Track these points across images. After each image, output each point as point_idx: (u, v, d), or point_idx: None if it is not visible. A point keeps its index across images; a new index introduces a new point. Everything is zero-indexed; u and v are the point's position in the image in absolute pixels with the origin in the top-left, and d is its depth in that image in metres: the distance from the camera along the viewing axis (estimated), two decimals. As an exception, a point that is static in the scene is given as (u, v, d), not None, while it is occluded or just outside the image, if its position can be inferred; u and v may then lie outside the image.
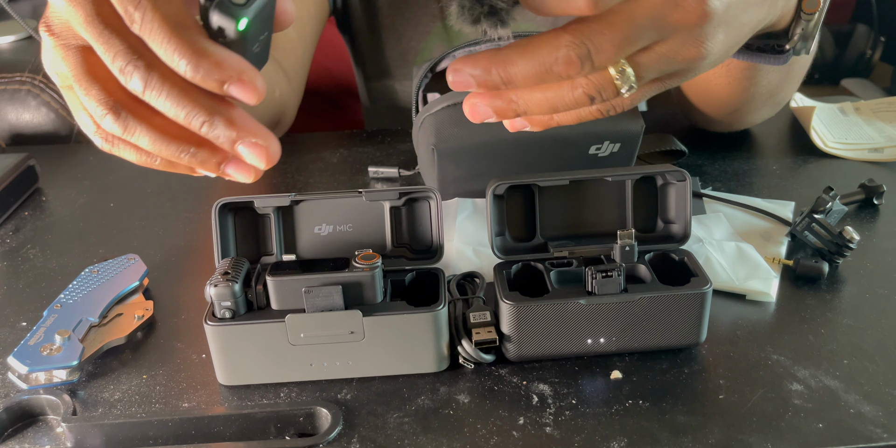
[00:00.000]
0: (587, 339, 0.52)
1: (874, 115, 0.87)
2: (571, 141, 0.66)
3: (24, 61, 1.00)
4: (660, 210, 0.58)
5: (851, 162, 0.79)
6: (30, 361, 0.51)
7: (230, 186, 0.82)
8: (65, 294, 0.58)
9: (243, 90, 0.37)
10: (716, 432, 0.47)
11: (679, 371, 0.52)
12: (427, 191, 0.55)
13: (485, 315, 0.53)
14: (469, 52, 0.73)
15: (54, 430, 0.50)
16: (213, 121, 0.38)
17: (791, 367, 0.52)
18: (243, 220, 0.55)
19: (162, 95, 0.37)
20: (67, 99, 0.43)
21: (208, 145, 0.40)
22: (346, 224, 0.56)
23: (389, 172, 0.78)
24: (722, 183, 0.75)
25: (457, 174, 0.68)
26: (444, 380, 0.52)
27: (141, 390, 0.52)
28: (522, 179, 0.55)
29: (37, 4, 1.19)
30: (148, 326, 0.58)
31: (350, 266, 0.50)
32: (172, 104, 0.37)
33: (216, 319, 0.50)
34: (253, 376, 0.52)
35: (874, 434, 0.46)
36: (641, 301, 0.51)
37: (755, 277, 0.59)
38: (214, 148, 0.40)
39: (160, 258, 0.67)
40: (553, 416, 0.49)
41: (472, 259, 0.63)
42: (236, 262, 0.52)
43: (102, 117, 0.39)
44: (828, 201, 0.64)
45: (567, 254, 0.55)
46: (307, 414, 0.49)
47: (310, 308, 0.49)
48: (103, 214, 0.76)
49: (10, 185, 0.76)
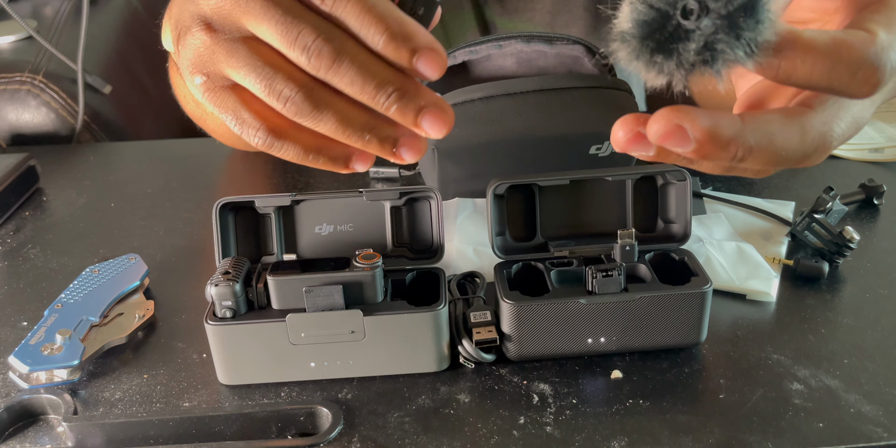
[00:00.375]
0: (587, 339, 0.52)
1: (874, 116, 0.87)
2: (572, 141, 0.66)
3: (24, 61, 1.00)
4: (660, 210, 0.58)
5: (852, 162, 0.79)
6: (31, 361, 0.51)
7: (231, 186, 0.82)
8: (65, 294, 0.58)
9: (430, 62, 0.37)
10: (716, 432, 0.47)
11: (679, 371, 0.52)
12: (427, 190, 0.55)
13: (485, 315, 0.53)
14: (469, 52, 0.73)
15: (55, 430, 0.50)
16: (403, 89, 0.37)
17: (791, 367, 0.52)
18: (244, 219, 0.55)
19: (353, 67, 0.36)
20: (219, 102, 0.40)
21: (388, 122, 0.39)
22: (346, 224, 0.56)
23: (390, 172, 0.78)
24: (722, 183, 0.75)
25: (457, 174, 0.68)
26: (444, 379, 0.52)
27: (142, 390, 0.52)
28: (523, 179, 0.55)
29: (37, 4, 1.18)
30: (149, 326, 0.58)
31: (351, 266, 0.50)
32: (362, 76, 0.36)
33: (217, 319, 0.50)
34: (254, 376, 0.52)
35: (874, 433, 0.46)
36: (642, 300, 0.51)
37: (755, 277, 0.60)
38: (393, 124, 0.39)
39: (161, 258, 0.67)
40: (553, 415, 0.49)
41: (472, 259, 0.63)
42: (237, 261, 0.52)
43: (290, 99, 0.37)
44: (828, 201, 0.64)
45: (567, 253, 0.55)
46: (308, 413, 0.49)
47: (310, 307, 0.49)
48: (104, 214, 0.76)
49: (10, 185, 0.76)
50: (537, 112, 0.66)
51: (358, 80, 0.37)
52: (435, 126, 0.38)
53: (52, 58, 1.01)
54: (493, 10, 0.90)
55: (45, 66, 1.00)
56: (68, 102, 0.98)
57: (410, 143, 0.39)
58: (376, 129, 0.39)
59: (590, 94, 0.68)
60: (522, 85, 0.67)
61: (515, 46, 0.73)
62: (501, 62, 0.75)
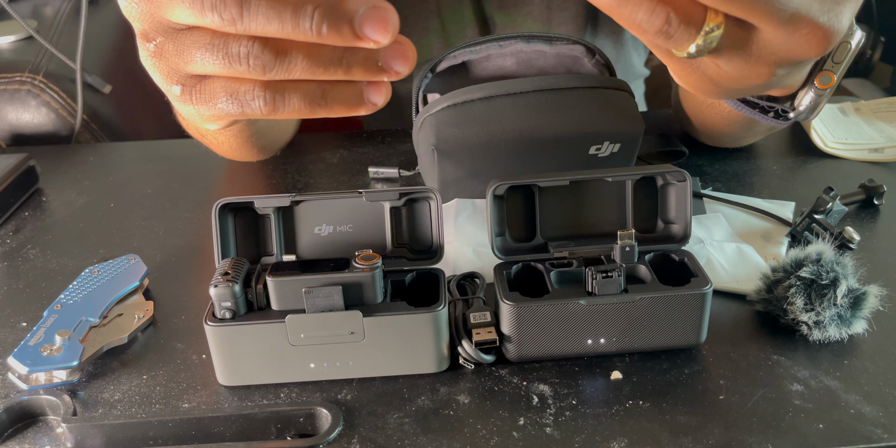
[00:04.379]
0: (587, 340, 0.52)
1: (874, 116, 0.87)
2: (571, 141, 0.66)
3: (24, 61, 1.00)
4: (660, 210, 0.58)
5: (852, 162, 0.79)
6: (30, 362, 0.51)
7: (230, 187, 0.82)
8: (65, 294, 0.58)
9: (375, 23, 0.36)
10: (716, 432, 0.47)
11: (679, 371, 0.52)
12: (427, 191, 0.55)
13: (485, 315, 0.53)
14: (470, 53, 0.73)
15: (54, 431, 0.50)
16: (324, 4, 0.35)
17: (791, 368, 0.52)
18: (243, 220, 0.55)
19: (261, 4, 0.35)
20: (205, 96, 0.41)
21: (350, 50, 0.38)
22: (346, 224, 0.56)
23: (389, 173, 0.78)
24: (722, 183, 0.75)
25: (457, 174, 0.68)
26: (444, 380, 0.52)
27: (141, 391, 0.52)
28: (522, 180, 0.55)
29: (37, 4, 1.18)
30: (148, 327, 0.58)
31: (350, 266, 0.50)
32: (275, 7, 0.35)
33: (216, 320, 0.50)
34: (253, 377, 0.52)
35: (874, 434, 0.46)
36: (642, 301, 0.51)
37: (755, 278, 0.59)
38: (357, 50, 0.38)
39: (160, 258, 0.67)
40: (553, 416, 0.49)
41: (472, 259, 0.63)
42: (236, 262, 0.52)
43: (250, 53, 0.37)
44: (828, 201, 0.64)
45: (567, 254, 0.55)
46: (307, 414, 0.49)
47: (310, 308, 0.49)
48: (103, 215, 0.76)
49: (10, 185, 0.76)
50: (537, 112, 0.66)
51: (272, 13, 0.35)
52: (377, 29, 0.36)
53: (52, 58, 1.01)
54: (490, 5, 0.90)
55: (45, 66, 1.00)
56: (68, 102, 0.98)
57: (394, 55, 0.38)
58: (350, 53, 0.38)
59: (590, 94, 0.68)
60: (522, 85, 0.67)
61: (515, 46, 0.73)
62: (501, 62, 0.75)
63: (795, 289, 0.53)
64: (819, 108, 0.54)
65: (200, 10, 0.37)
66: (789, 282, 0.53)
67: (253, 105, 0.40)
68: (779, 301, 0.54)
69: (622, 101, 0.68)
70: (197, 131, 0.78)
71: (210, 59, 0.38)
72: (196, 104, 0.41)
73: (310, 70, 0.38)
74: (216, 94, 0.40)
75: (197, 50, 0.39)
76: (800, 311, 0.53)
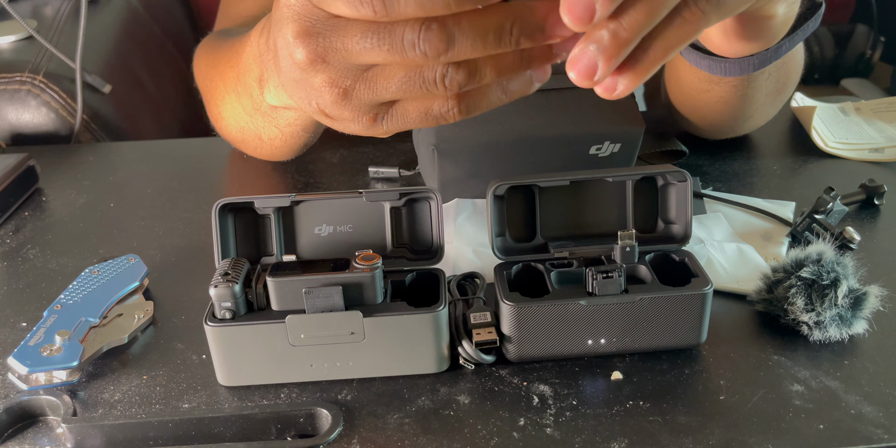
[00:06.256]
0: (588, 340, 0.52)
1: (875, 115, 0.87)
2: (572, 141, 0.66)
3: (24, 61, 1.00)
4: (660, 210, 0.58)
5: (852, 162, 0.79)
6: (30, 362, 0.51)
7: (230, 187, 0.82)
8: (65, 294, 0.58)
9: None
10: (716, 433, 0.47)
11: (679, 372, 0.52)
12: (427, 191, 0.55)
13: (485, 316, 0.53)
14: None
15: (54, 431, 0.50)
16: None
17: (791, 368, 0.52)
18: (243, 220, 0.55)
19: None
20: (399, 115, 0.41)
21: None
22: (346, 224, 0.56)
23: (390, 172, 0.78)
24: (722, 183, 0.75)
25: (457, 174, 0.68)
26: (444, 380, 0.52)
27: (141, 391, 0.52)
28: (523, 180, 0.55)
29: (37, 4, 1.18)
30: (148, 327, 0.58)
31: (350, 267, 0.50)
32: None
33: (216, 320, 0.50)
34: (253, 377, 0.52)
35: (875, 435, 0.46)
36: (642, 302, 0.51)
37: (756, 278, 0.59)
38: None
39: (160, 258, 0.67)
40: (553, 416, 0.49)
41: (472, 259, 0.63)
42: (236, 262, 0.52)
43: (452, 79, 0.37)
44: (828, 201, 0.64)
45: (567, 254, 0.55)
46: (307, 415, 0.49)
47: (310, 309, 0.49)
48: (103, 214, 0.76)
49: (10, 185, 0.76)
50: (537, 112, 0.66)
51: (478, 41, 0.35)
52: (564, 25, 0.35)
53: (52, 58, 1.01)
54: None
55: (45, 65, 1.00)
56: (68, 102, 0.98)
57: None
58: (528, 50, 0.38)
59: (590, 94, 0.67)
60: (522, 85, 0.67)
61: (515, 46, 0.73)
62: (502, 62, 0.75)
63: (796, 289, 0.53)
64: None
65: (412, 56, 0.36)
66: (790, 282, 0.53)
67: (448, 117, 0.40)
68: (779, 301, 0.54)
69: (622, 100, 0.68)
70: (254, 132, 0.74)
71: (407, 89, 0.38)
72: (387, 128, 0.42)
73: (497, 76, 0.38)
74: (409, 115, 0.41)
75: (392, 85, 0.39)
76: (800, 311, 0.53)
